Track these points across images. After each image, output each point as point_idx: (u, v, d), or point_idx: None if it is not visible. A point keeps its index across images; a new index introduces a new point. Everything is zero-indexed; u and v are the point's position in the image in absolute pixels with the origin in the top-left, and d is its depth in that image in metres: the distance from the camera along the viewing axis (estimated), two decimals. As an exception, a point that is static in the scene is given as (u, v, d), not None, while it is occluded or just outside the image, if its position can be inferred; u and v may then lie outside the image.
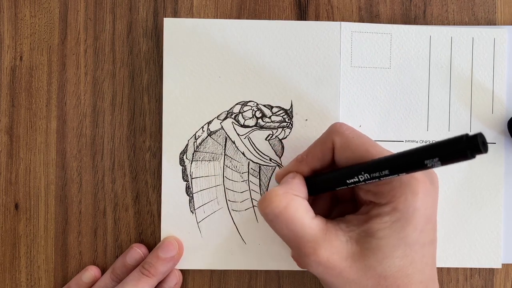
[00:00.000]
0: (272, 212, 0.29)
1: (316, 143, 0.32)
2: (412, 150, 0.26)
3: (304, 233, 0.29)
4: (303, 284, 0.38)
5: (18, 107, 0.37)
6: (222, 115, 0.37)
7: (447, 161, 0.24)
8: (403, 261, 0.28)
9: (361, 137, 0.30)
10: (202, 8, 0.38)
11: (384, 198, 0.29)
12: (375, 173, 0.27)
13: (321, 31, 0.37)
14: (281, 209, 0.28)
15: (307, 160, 0.32)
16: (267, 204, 0.29)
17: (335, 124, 0.31)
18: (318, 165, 0.32)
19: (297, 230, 0.28)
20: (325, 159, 0.31)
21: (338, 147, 0.30)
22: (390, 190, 0.28)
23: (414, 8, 0.38)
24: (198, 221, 0.37)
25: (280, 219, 0.29)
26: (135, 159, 0.38)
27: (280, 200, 0.29)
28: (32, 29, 0.38)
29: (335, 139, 0.30)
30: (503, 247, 0.37)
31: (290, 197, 0.29)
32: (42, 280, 0.37)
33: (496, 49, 0.37)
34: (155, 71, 0.38)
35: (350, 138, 0.30)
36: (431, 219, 0.30)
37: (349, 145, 0.30)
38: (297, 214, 0.29)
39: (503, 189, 0.37)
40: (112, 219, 0.37)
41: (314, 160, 0.32)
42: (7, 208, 0.37)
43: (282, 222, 0.29)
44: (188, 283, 0.37)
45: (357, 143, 0.30)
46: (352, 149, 0.30)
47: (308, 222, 0.29)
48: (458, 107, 0.37)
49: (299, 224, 0.28)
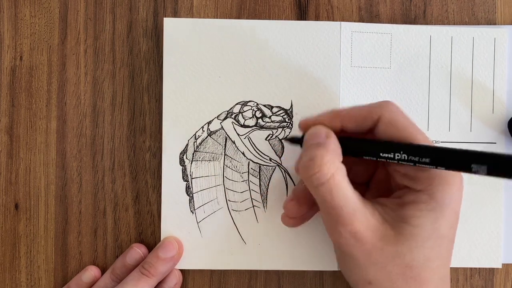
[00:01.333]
0: (319, 179, 0.28)
1: (360, 109, 0.31)
2: (461, 150, 0.26)
3: (347, 203, 0.28)
4: (303, 284, 0.38)
5: (18, 107, 0.37)
6: (222, 115, 0.37)
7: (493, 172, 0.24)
8: (431, 254, 0.28)
9: (410, 120, 0.30)
10: (202, 8, 0.38)
11: (420, 185, 0.29)
12: (414, 157, 0.27)
13: (321, 31, 0.36)
14: (328, 177, 0.28)
15: (343, 118, 0.31)
16: (316, 170, 0.28)
17: (388, 101, 0.31)
18: (352, 128, 0.31)
19: (340, 199, 0.28)
20: (362, 126, 0.30)
21: (385, 122, 0.30)
22: (428, 178, 0.28)
23: (414, 8, 0.38)
24: (198, 221, 0.36)
25: (326, 186, 0.28)
26: (135, 159, 0.38)
27: (329, 167, 0.28)
28: (32, 29, 0.38)
29: (383, 113, 0.30)
30: (503, 247, 0.37)
31: (337, 165, 0.29)
32: (42, 280, 0.37)
33: (496, 49, 0.37)
34: (155, 71, 0.38)
35: (400, 117, 0.30)
36: (458, 217, 0.30)
37: (396, 123, 0.29)
38: (343, 184, 0.28)
39: (503, 189, 0.37)
40: (112, 219, 0.37)
41: (351, 122, 0.31)
42: (7, 208, 0.37)
43: (328, 190, 0.28)
44: (188, 283, 0.37)
45: (405, 124, 0.30)
46: (398, 127, 0.29)
47: (351, 193, 0.29)
48: (459, 107, 0.37)
49: (343, 193, 0.28)
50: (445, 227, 0.28)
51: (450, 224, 0.29)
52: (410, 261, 0.28)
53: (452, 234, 0.29)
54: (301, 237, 0.36)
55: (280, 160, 0.37)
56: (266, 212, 0.37)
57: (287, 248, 0.37)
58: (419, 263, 0.28)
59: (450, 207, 0.28)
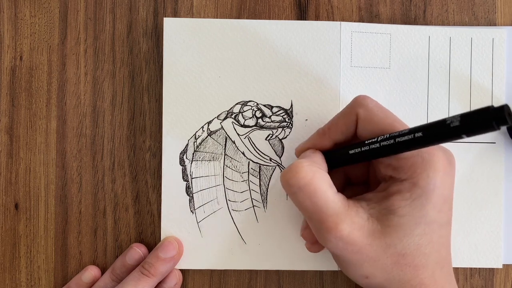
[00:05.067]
0: (297, 184, 0.28)
1: (339, 116, 0.31)
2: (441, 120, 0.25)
3: (328, 207, 0.28)
4: (303, 284, 0.38)
5: (18, 107, 0.37)
6: (222, 115, 0.37)
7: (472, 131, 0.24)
8: (422, 240, 0.28)
9: (385, 111, 0.30)
10: (202, 8, 0.38)
11: (405, 173, 0.28)
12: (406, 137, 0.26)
13: (321, 31, 0.37)
14: (306, 181, 0.28)
15: (330, 133, 0.31)
16: (292, 175, 0.28)
17: (358, 96, 0.31)
18: (341, 139, 0.31)
19: (320, 203, 0.28)
20: (348, 132, 0.31)
21: (362, 119, 0.30)
22: (411, 165, 0.28)
23: (414, 8, 0.38)
24: (198, 221, 0.36)
25: (304, 191, 0.28)
26: (135, 159, 0.38)
27: (306, 171, 0.28)
28: (32, 29, 0.38)
29: (359, 111, 0.30)
30: (503, 248, 0.37)
31: (315, 169, 0.29)
32: (42, 280, 0.37)
33: (495, 50, 0.37)
34: (155, 71, 0.38)
35: (375, 111, 0.30)
36: (448, 200, 0.29)
37: (373, 118, 0.29)
38: (322, 187, 0.28)
39: (503, 189, 0.37)
40: (112, 219, 0.37)
41: (337, 133, 0.31)
42: (7, 208, 0.37)
43: (306, 195, 0.28)
44: (188, 283, 0.37)
45: (381, 116, 0.29)
46: (376, 122, 0.29)
47: (332, 196, 0.28)
48: (457, 107, 0.37)
49: (323, 197, 0.28)
50: (433, 212, 0.28)
51: (437, 208, 0.28)
52: (401, 249, 0.28)
53: (442, 218, 0.29)
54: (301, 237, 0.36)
55: (280, 160, 0.37)
56: (266, 212, 0.37)
57: (287, 248, 0.37)
58: (410, 250, 0.28)
59: (435, 192, 0.28)
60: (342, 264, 0.31)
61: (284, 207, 0.37)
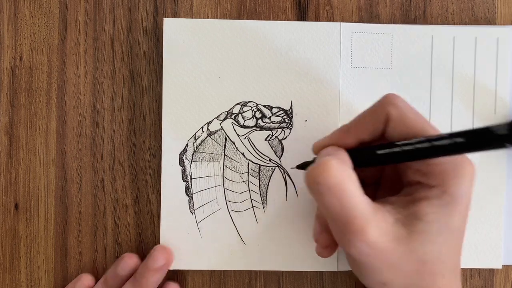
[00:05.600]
0: (327, 183, 0.26)
1: (366, 114, 0.29)
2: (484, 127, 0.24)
3: (356, 209, 0.26)
4: (303, 285, 0.38)
5: (18, 107, 0.38)
6: (222, 115, 0.37)
7: None
8: (443, 247, 0.28)
9: (416, 112, 0.28)
10: (202, 8, 0.38)
11: (434, 180, 0.27)
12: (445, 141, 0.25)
13: (321, 32, 0.36)
14: (337, 180, 0.26)
15: (356, 131, 0.29)
16: (322, 174, 0.26)
17: (388, 94, 0.29)
18: (367, 138, 0.29)
19: (350, 205, 0.26)
20: (376, 131, 0.29)
21: (393, 120, 0.28)
22: (442, 172, 0.27)
23: (414, 8, 0.38)
24: (197, 221, 0.36)
25: (333, 191, 0.26)
26: (135, 159, 0.38)
27: (337, 170, 0.26)
28: (32, 29, 0.38)
29: (390, 110, 0.28)
30: (503, 249, 0.37)
31: (345, 168, 0.27)
32: (42, 280, 0.38)
33: (499, 49, 0.37)
34: (155, 71, 0.38)
35: (407, 112, 0.28)
36: (469, 208, 0.29)
37: (405, 120, 0.28)
38: (352, 188, 0.26)
39: (505, 189, 0.37)
40: (112, 219, 0.38)
41: (363, 132, 0.29)
42: (7, 208, 0.38)
43: (335, 195, 0.26)
44: (188, 283, 0.38)
45: (413, 118, 0.28)
46: (408, 124, 0.28)
47: (361, 198, 0.27)
48: (461, 108, 0.37)
49: (353, 199, 0.26)
50: (458, 220, 0.28)
51: (462, 217, 0.28)
52: (422, 255, 0.27)
53: (463, 227, 0.28)
54: (301, 237, 0.36)
55: (279, 161, 0.37)
56: (266, 213, 0.37)
57: (287, 248, 0.37)
58: (431, 258, 0.27)
59: (463, 200, 0.27)
60: (359, 269, 0.29)
61: (284, 208, 0.37)
